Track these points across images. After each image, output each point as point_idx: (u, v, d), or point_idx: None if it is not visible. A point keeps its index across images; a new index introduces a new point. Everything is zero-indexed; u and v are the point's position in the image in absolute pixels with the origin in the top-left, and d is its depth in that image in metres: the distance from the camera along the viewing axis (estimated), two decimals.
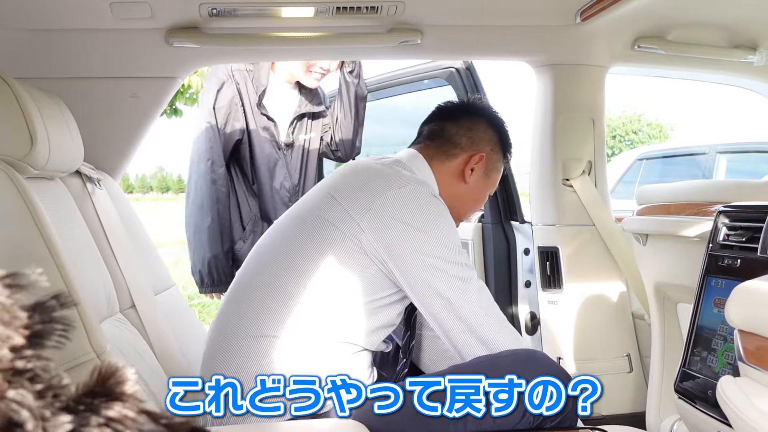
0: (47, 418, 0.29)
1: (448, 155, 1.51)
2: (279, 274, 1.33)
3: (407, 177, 1.38)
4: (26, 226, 1.09)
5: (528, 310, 2.33)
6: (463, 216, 1.59)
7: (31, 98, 1.23)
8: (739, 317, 0.85)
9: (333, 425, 1.21)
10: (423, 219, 1.31)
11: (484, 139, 1.54)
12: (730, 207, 1.31)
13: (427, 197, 1.35)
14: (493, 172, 1.57)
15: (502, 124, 1.60)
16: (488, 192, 1.61)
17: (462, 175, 1.51)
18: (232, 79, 2.23)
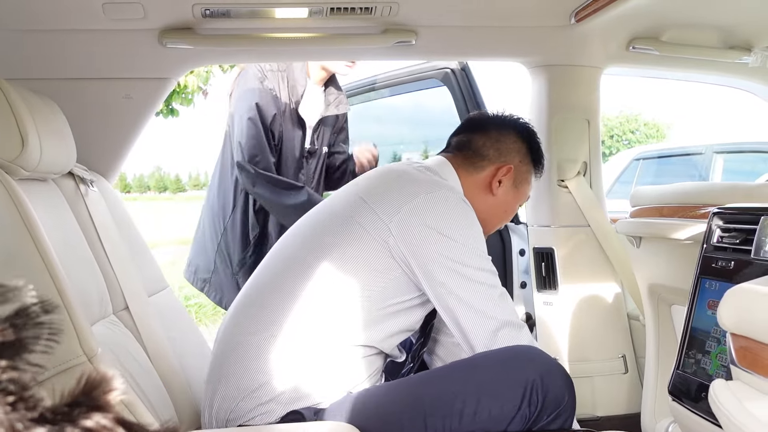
0: (20, 431, 0.29)
1: (476, 167, 1.51)
2: (296, 278, 1.32)
3: (438, 182, 1.38)
4: (16, 228, 1.09)
5: (523, 311, 2.32)
6: (492, 228, 1.58)
7: (22, 99, 1.22)
8: (731, 320, 0.85)
9: (327, 428, 1.20)
10: (451, 224, 1.31)
11: (513, 150, 1.53)
12: (724, 209, 1.30)
13: (457, 203, 1.35)
14: (523, 183, 1.56)
15: (533, 135, 1.59)
16: (519, 204, 1.61)
17: (489, 187, 1.50)
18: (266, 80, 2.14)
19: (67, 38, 1.64)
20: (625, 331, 2.12)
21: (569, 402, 1.27)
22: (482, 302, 1.30)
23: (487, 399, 1.21)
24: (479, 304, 1.30)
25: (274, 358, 1.27)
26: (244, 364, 1.29)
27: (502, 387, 1.23)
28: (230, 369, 1.30)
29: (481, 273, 1.32)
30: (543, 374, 1.24)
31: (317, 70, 2.19)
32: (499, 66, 3.15)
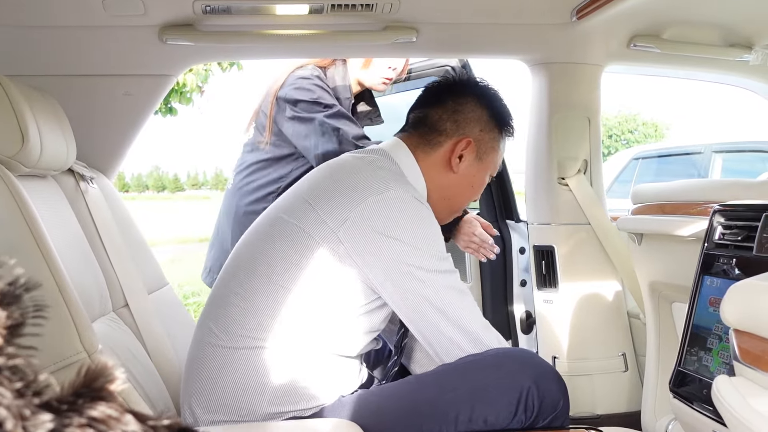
0: (27, 417, 0.29)
1: (432, 144, 1.42)
2: (253, 287, 1.27)
3: (387, 180, 1.30)
4: (17, 224, 1.08)
5: (523, 309, 2.33)
6: (458, 207, 1.52)
7: (22, 95, 1.22)
8: (734, 316, 0.85)
9: (328, 425, 1.20)
10: (403, 228, 1.24)
11: (472, 120, 1.43)
12: (725, 206, 1.30)
13: (407, 203, 1.27)
14: (489, 153, 1.45)
15: (494, 98, 1.48)
16: (486, 176, 1.49)
17: (449, 164, 1.41)
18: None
19: (67, 35, 1.64)
20: (625, 329, 2.11)
21: (564, 406, 1.28)
22: (440, 305, 1.26)
23: (482, 406, 1.21)
24: (437, 306, 1.26)
25: (239, 367, 1.24)
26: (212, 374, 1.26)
27: (497, 393, 1.22)
28: (200, 379, 1.27)
29: (438, 275, 1.27)
30: (538, 380, 1.24)
31: (354, 84, 2.12)
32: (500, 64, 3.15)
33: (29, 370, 0.31)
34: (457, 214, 1.55)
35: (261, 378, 1.22)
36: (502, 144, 1.49)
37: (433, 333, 1.27)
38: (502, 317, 2.38)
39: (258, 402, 1.22)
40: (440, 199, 1.42)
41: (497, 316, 2.37)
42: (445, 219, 1.50)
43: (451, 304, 1.27)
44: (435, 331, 1.27)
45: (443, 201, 1.43)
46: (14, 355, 0.30)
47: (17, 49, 1.64)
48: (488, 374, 1.24)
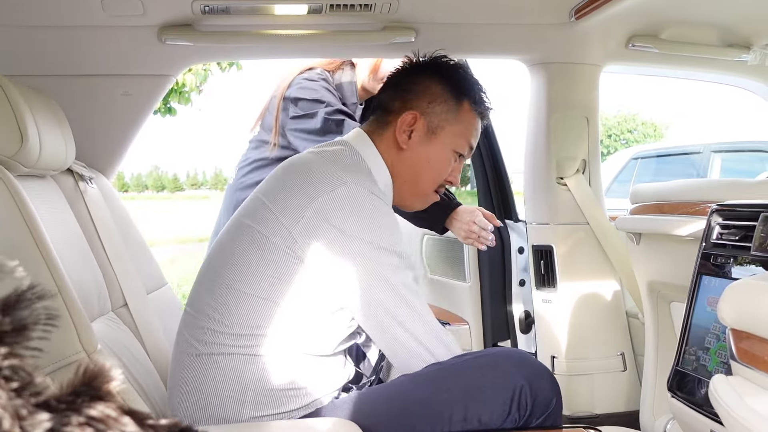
0: (24, 416, 0.29)
1: (383, 126, 1.39)
2: (223, 296, 1.25)
3: (340, 174, 1.26)
4: (16, 224, 1.08)
5: (522, 308, 2.33)
6: (424, 189, 1.43)
7: (21, 95, 1.22)
8: (731, 316, 0.85)
9: (326, 424, 1.21)
10: (356, 224, 1.21)
11: (419, 93, 1.38)
12: (723, 206, 1.30)
13: (362, 197, 1.24)
14: (444, 126, 1.38)
15: (449, 69, 1.43)
16: (448, 151, 1.41)
17: (398, 142, 1.37)
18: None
19: (66, 35, 1.64)
20: (624, 328, 2.12)
21: (557, 404, 1.28)
22: (394, 304, 1.23)
23: (476, 406, 1.21)
24: (392, 306, 1.23)
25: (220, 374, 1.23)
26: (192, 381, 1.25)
27: (490, 393, 1.22)
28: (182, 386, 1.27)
29: (394, 272, 1.23)
30: (531, 379, 1.24)
31: (360, 89, 2.10)
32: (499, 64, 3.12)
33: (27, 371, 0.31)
34: (428, 197, 1.47)
35: (240, 385, 1.22)
36: (466, 115, 1.41)
37: (385, 329, 1.25)
38: (501, 317, 2.38)
39: (240, 409, 1.21)
40: (402, 183, 1.39)
41: (496, 316, 2.37)
42: (414, 204, 1.47)
43: (402, 304, 1.24)
44: (387, 328, 1.25)
45: (406, 184, 1.39)
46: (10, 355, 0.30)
47: (16, 49, 1.64)
48: (482, 374, 1.24)
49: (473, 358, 1.29)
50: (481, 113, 1.44)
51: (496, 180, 2.40)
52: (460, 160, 1.44)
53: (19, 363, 0.30)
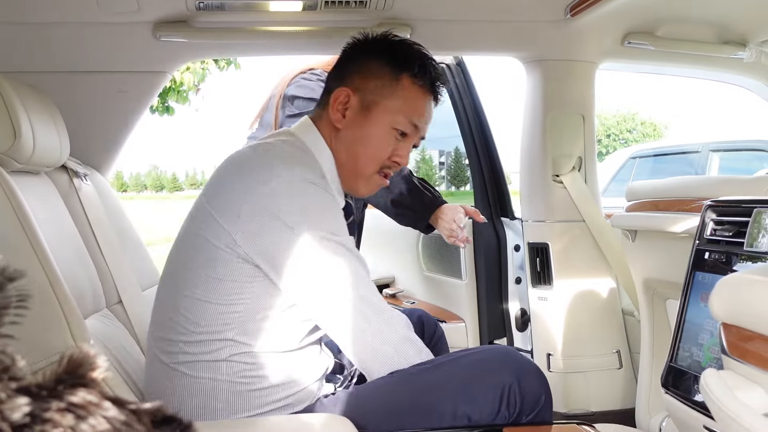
0: (3, 401, 0.29)
1: (323, 108, 1.35)
2: (181, 304, 1.22)
3: (274, 167, 1.21)
4: (8, 220, 1.08)
5: (518, 306, 2.33)
6: (364, 169, 1.34)
7: (14, 91, 1.22)
8: (722, 310, 0.85)
9: (320, 420, 1.21)
10: (295, 214, 1.17)
11: (352, 70, 1.33)
12: (717, 202, 1.31)
13: (297, 187, 1.19)
14: (380, 100, 1.31)
15: (387, 43, 1.36)
16: (385, 127, 1.32)
17: (332, 122, 1.32)
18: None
19: (61, 31, 1.64)
20: (619, 326, 2.12)
21: (546, 401, 1.27)
22: (342, 293, 1.19)
23: (465, 405, 1.21)
24: (339, 295, 1.19)
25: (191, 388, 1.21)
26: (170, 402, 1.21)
27: (479, 392, 1.22)
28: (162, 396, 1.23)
29: (338, 259, 1.19)
30: (519, 376, 1.23)
31: None
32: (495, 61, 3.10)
33: (7, 356, 0.31)
34: (370, 180, 1.37)
35: (209, 391, 1.20)
36: (405, 91, 1.32)
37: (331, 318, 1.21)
38: (497, 315, 2.38)
39: (212, 415, 1.20)
40: (342, 165, 1.34)
41: (492, 313, 2.37)
42: (359, 187, 1.38)
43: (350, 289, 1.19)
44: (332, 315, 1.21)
45: (345, 166, 1.34)
46: None
47: (10, 45, 1.64)
48: (471, 372, 1.24)
49: (462, 356, 1.29)
50: (424, 87, 1.33)
51: (492, 178, 2.40)
52: (405, 139, 1.34)
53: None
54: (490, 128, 2.41)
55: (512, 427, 1.22)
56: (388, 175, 1.38)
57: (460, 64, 2.39)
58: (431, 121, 1.40)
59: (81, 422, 0.31)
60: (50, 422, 0.30)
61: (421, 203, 1.89)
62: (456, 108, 2.41)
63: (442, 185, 10.18)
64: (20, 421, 0.29)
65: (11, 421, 0.29)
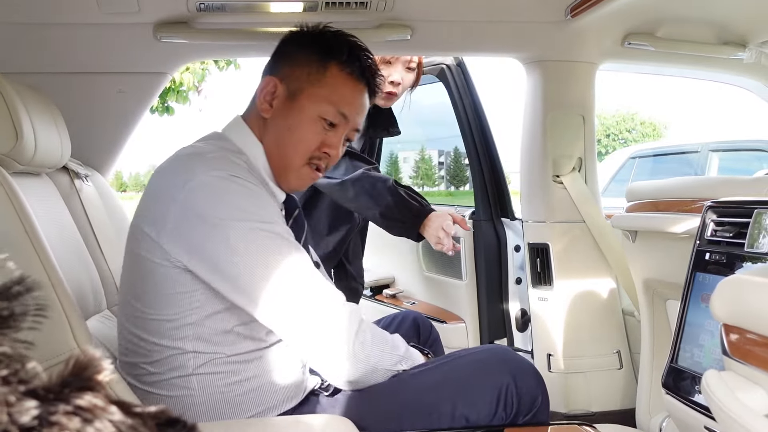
0: (12, 403, 0.29)
1: (252, 101, 1.33)
2: (133, 325, 1.21)
3: (192, 168, 1.16)
4: (11, 221, 1.08)
5: (518, 307, 2.33)
6: (291, 160, 1.29)
7: (16, 93, 1.22)
8: (723, 311, 0.85)
9: (321, 421, 1.21)
10: (217, 210, 1.12)
11: (279, 61, 1.31)
12: (717, 203, 1.31)
13: (216, 183, 1.14)
14: (306, 88, 1.26)
15: (316, 32, 1.32)
16: (312, 116, 1.27)
17: (260, 113, 1.29)
18: None
19: (62, 32, 1.64)
20: (620, 326, 2.12)
21: (543, 401, 1.28)
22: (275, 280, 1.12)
23: (463, 406, 1.21)
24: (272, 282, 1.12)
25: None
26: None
27: (477, 393, 1.22)
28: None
29: (268, 248, 1.13)
30: (516, 376, 1.24)
31: None
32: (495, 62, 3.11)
33: (16, 359, 0.31)
34: (300, 173, 1.30)
35: (184, 408, 1.17)
36: (333, 79, 1.27)
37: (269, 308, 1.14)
38: (497, 315, 2.38)
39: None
40: (270, 157, 1.29)
41: (492, 314, 2.38)
42: (290, 180, 1.32)
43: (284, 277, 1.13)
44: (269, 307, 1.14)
45: (273, 158, 1.29)
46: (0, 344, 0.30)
47: (11, 46, 1.64)
48: (470, 373, 1.24)
49: (460, 357, 1.30)
50: (353, 75, 1.28)
51: (492, 178, 2.40)
52: (335, 129, 1.29)
53: (8, 351, 0.30)
54: (490, 129, 2.41)
55: (511, 427, 1.22)
56: (320, 167, 1.32)
57: (461, 64, 2.39)
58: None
59: (87, 426, 0.31)
60: (57, 425, 0.30)
61: (409, 213, 1.87)
62: (456, 108, 2.41)
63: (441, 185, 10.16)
64: (28, 424, 0.29)
65: (20, 423, 0.29)
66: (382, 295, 2.87)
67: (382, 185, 1.88)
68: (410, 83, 2.05)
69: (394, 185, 1.89)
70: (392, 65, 1.98)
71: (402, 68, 2.00)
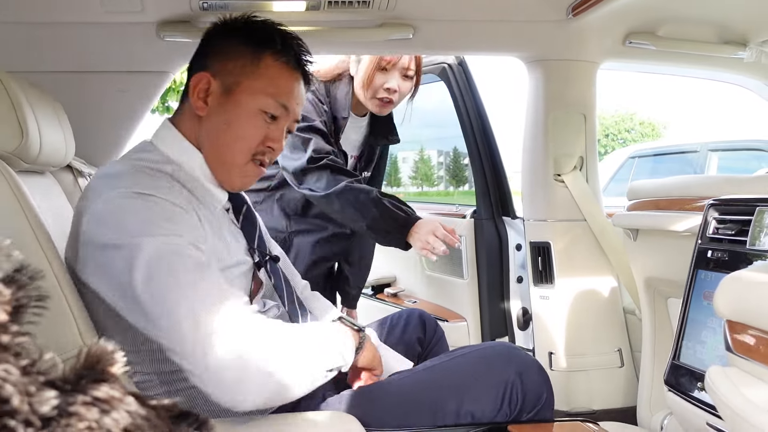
0: (33, 394, 0.29)
1: (182, 102, 1.26)
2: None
3: (98, 188, 1.11)
4: (17, 219, 1.09)
5: (520, 305, 2.34)
6: (232, 157, 1.22)
7: (22, 91, 1.22)
8: (727, 307, 0.86)
9: (325, 417, 1.21)
10: (123, 231, 1.04)
11: (210, 56, 1.23)
12: (719, 200, 1.31)
13: (115, 203, 1.06)
14: (242, 81, 1.20)
15: (245, 23, 1.26)
16: (250, 110, 1.21)
17: (194, 110, 1.22)
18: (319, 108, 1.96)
19: (65, 31, 1.64)
20: (621, 325, 2.13)
21: (548, 398, 1.28)
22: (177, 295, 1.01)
23: (469, 402, 1.22)
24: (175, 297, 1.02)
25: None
26: None
27: (483, 389, 1.23)
28: None
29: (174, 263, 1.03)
30: (521, 373, 1.24)
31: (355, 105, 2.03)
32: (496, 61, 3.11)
33: (34, 349, 0.32)
34: (244, 170, 1.24)
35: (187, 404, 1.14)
36: (269, 70, 1.22)
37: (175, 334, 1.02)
38: (499, 314, 2.39)
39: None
40: (208, 156, 1.22)
41: (493, 312, 2.38)
42: (233, 179, 1.25)
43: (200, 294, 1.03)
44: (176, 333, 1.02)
45: (211, 157, 1.22)
46: (20, 333, 0.31)
47: (15, 45, 1.64)
48: (475, 369, 1.25)
49: (465, 354, 1.30)
50: (289, 64, 1.24)
51: (493, 177, 2.41)
52: (276, 122, 1.23)
53: (26, 341, 0.31)
54: (491, 127, 2.42)
55: (516, 424, 1.23)
56: (264, 163, 1.26)
57: (462, 63, 2.40)
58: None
59: (105, 416, 0.31)
60: (75, 416, 0.30)
61: (395, 224, 1.84)
62: (458, 107, 2.41)
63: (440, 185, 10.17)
64: (48, 414, 0.30)
65: (40, 414, 0.29)
66: (384, 294, 2.87)
67: (366, 197, 1.84)
68: (408, 91, 2.00)
69: (377, 196, 1.85)
70: (388, 72, 1.94)
71: (399, 75, 1.95)
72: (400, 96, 1.98)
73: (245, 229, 1.32)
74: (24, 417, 0.28)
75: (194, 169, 1.21)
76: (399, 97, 1.98)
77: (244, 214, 1.35)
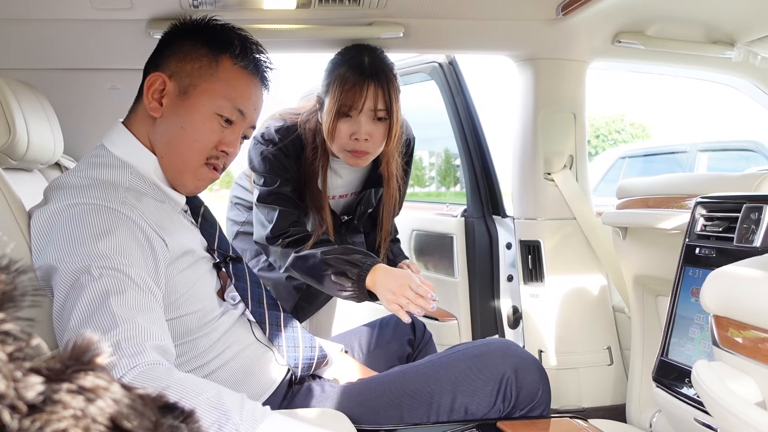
0: (18, 379, 0.29)
1: (136, 102, 1.23)
2: None
3: (48, 200, 1.11)
4: (3, 216, 1.08)
5: (510, 304, 2.34)
6: (187, 160, 1.20)
7: (9, 88, 1.22)
8: (713, 302, 0.87)
9: (316, 414, 1.21)
10: (53, 248, 1.02)
11: (169, 55, 1.21)
12: (707, 198, 1.32)
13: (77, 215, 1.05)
14: (198, 83, 1.18)
15: (204, 25, 1.24)
16: (206, 113, 1.19)
17: (148, 112, 1.19)
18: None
19: (54, 28, 1.64)
20: (610, 323, 2.14)
21: (544, 395, 1.29)
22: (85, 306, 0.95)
23: (463, 396, 1.23)
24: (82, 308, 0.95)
25: None
26: None
27: (478, 383, 1.24)
28: None
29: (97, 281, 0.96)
30: (517, 369, 1.25)
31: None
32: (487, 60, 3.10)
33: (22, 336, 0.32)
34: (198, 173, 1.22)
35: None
36: (227, 73, 1.20)
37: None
38: (490, 312, 2.39)
39: None
40: (161, 158, 1.20)
41: (484, 311, 2.39)
42: (186, 182, 1.22)
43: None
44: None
45: (165, 159, 1.20)
46: (6, 320, 0.31)
47: (4, 42, 1.64)
48: (470, 365, 1.26)
49: (462, 350, 1.31)
50: (248, 69, 1.22)
51: (484, 176, 2.41)
52: (232, 127, 1.22)
53: (13, 328, 0.31)
54: (482, 126, 2.42)
55: (506, 420, 1.23)
56: (217, 167, 1.24)
57: (453, 62, 2.40)
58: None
59: (90, 405, 0.31)
60: (60, 403, 0.30)
61: (349, 281, 1.57)
62: (448, 107, 2.42)
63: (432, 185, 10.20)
64: (33, 400, 0.30)
65: (26, 399, 0.29)
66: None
67: (314, 261, 1.62)
68: (383, 135, 1.67)
69: (322, 258, 1.61)
70: (352, 118, 1.63)
71: (366, 119, 1.64)
72: (374, 143, 1.67)
73: (204, 230, 1.31)
74: (9, 402, 0.28)
75: (149, 171, 1.19)
76: (373, 145, 1.67)
77: (203, 215, 1.34)
